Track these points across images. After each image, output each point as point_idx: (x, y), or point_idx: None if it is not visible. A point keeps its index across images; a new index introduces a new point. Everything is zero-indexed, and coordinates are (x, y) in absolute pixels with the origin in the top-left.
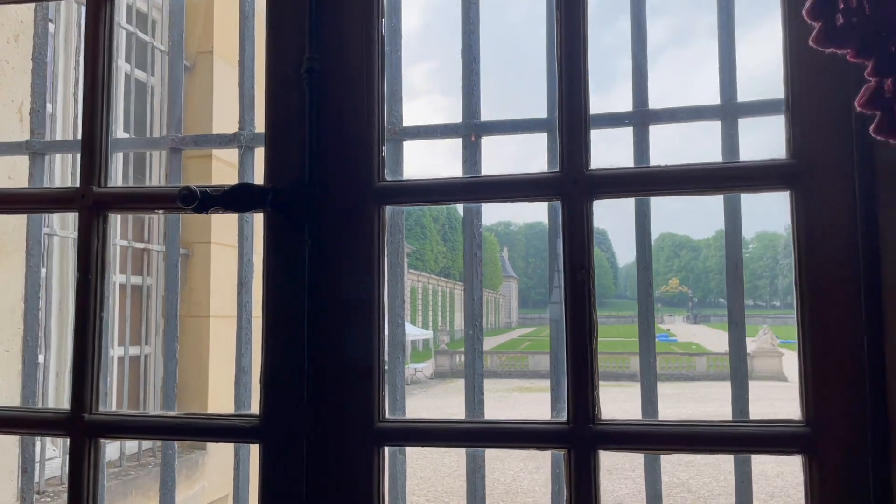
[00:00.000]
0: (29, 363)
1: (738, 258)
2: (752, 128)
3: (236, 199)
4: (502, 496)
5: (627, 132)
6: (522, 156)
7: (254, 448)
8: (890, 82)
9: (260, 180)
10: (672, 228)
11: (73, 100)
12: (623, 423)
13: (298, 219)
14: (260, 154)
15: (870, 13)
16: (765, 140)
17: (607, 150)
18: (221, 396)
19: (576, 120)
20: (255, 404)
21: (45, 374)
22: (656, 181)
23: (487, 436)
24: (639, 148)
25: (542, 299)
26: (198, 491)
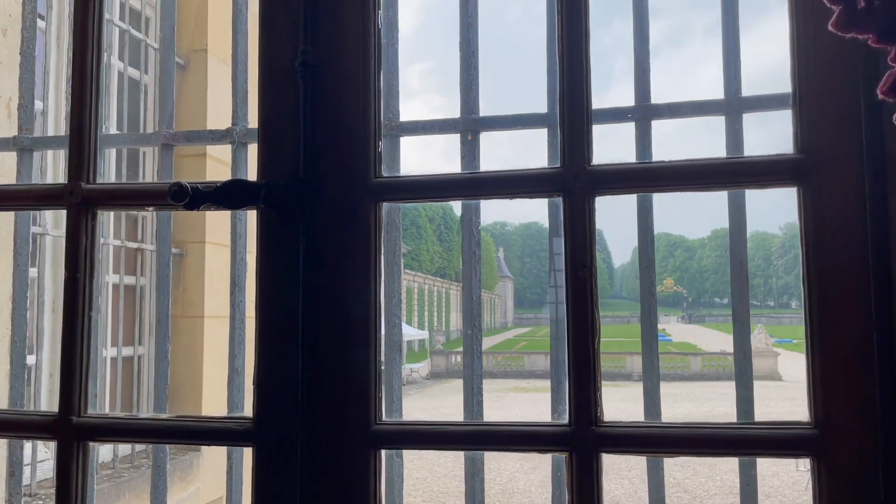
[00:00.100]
0: (17, 364)
1: (743, 257)
2: (755, 126)
3: (228, 195)
4: (498, 496)
5: (626, 131)
6: (519, 157)
7: (247, 451)
8: None
9: (253, 177)
10: (667, 228)
11: (65, 97)
12: (626, 426)
13: (292, 216)
14: (253, 150)
15: None
16: (768, 137)
17: (606, 149)
18: (216, 398)
19: (577, 114)
20: (249, 406)
21: (37, 376)
22: (660, 177)
23: (487, 438)
24: (641, 143)
25: (538, 299)
26: (192, 493)
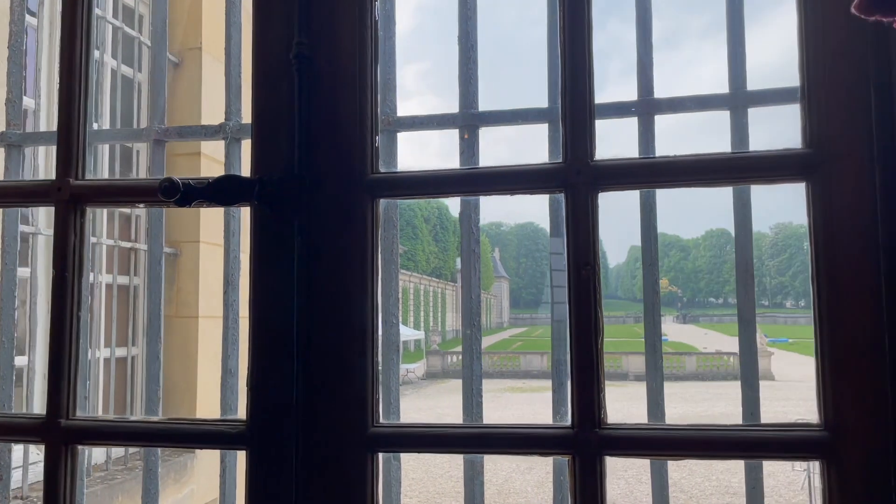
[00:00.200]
0: (5, 366)
1: (749, 255)
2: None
3: (221, 191)
4: (494, 497)
5: (626, 131)
6: (517, 158)
7: (241, 454)
8: None
9: (247, 174)
10: (662, 228)
11: (57, 94)
12: (631, 428)
13: (287, 212)
14: (247, 146)
15: None
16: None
17: (605, 152)
18: (210, 398)
19: (580, 107)
20: (243, 408)
21: (30, 377)
22: (665, 172)
23: (487, 441)
24: (644, 139)
25: (534, 299)
26: (186, 494)
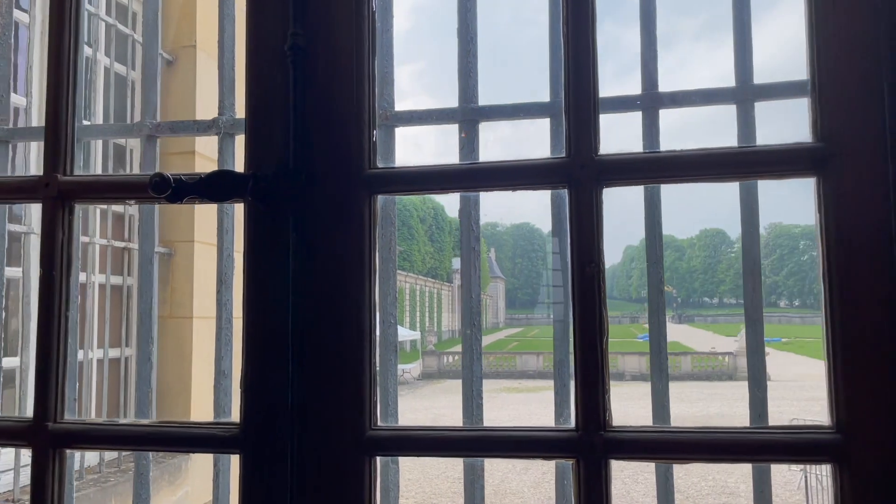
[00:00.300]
0: None
1: (756, 254)
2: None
3: (213, 187)
4: (491, 497)
5: (628, 127)
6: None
7: (235, 458)
8: None
9: (241, 170)
10: None
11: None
12: (637, 430)
13: (282, 209)
14: (241, 142)
15: None
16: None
17: (607, 145)
18: (205, 400)
19: (584, 100)
20: (237, 411)
21: (23, 378)
22: (671, 167)
23: (488, 444)
24: (648, 134)
25: (530, 300)
26: (181, 497)
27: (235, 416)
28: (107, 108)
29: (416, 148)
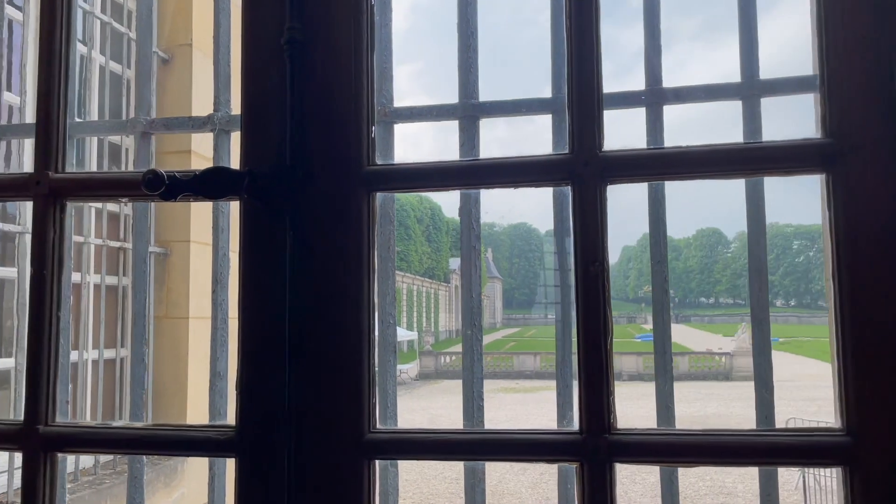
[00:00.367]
0: None
1: (762, 252)
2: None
3: (208, 184)
4: (488, 498)
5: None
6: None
7: (231, 461)
8: None
9: (237, 167)
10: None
11: None
12: (643, 433)
13: (278, 206)
14: (237, 139)
15: None
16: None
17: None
18: (201, 402)
19: (587, 95)
20: (233, 413)
21: (18, 380)
22: (677, 163)
23: (490, 448)
24: (652, 130)
25: (527, 300)
26: (177, 498)
27: (231, 418)
28: (102, 106)
29: (413, 148)
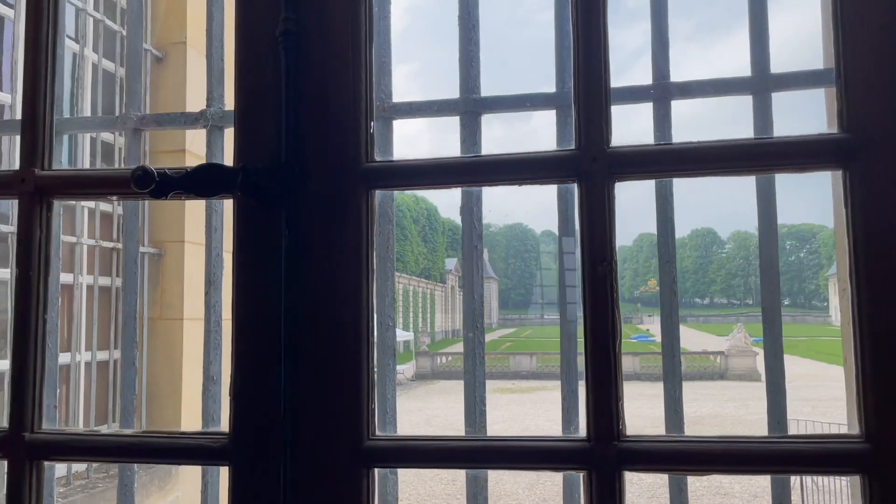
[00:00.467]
0: None
1: (774, 252)
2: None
3: (200, 181)
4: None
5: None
6: None
7: (224, 469)
8: None
9: (231, 164)
10: (648, 228)
11: None
12: (653, 440)
13: (273, 204)
14: (231, 135)
15: None
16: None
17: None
18: (196, 404)
19: (595, 88)
20: (226, 419)
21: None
22: (688, 159)
23: (494, 455)
24: (660, 125)
25: (523, 300)
26: (171, 502)
27: (225, 424)
28: (95, 104)
29: (410, 148)
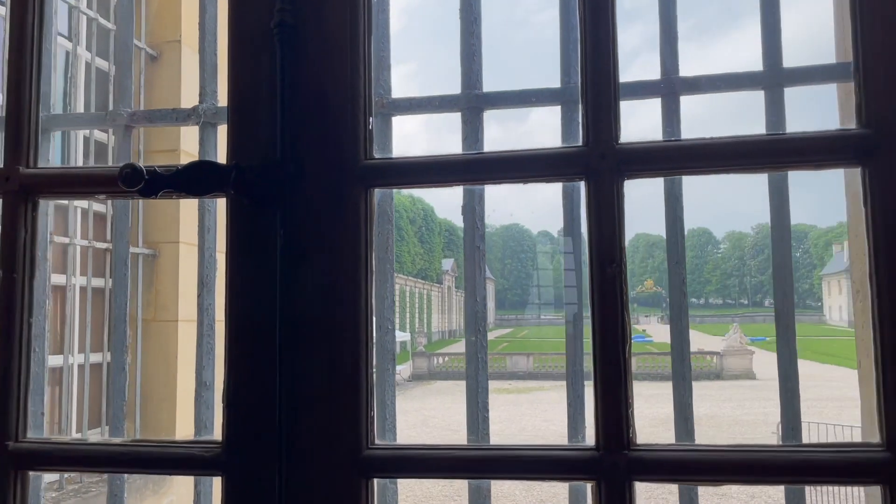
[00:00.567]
0: None
1: (787, 252)
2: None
3: (192, 179)
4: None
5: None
6: None
7: (217, 480)
8: None
9: (224, 161)
10: (644, 229)
11: None
12: (665, 449)
13: (268, 203)
14: (224, 133)
15: None
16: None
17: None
18: (190, 407)
19: (604, 83)
20: (220, 426)
21: None
22: (700, 156)
23: (498, 465)
24: (668, 121)
25: (519, 300)
26: None
27: (217, 433)
28: (88, 103)
29: (406, 145)
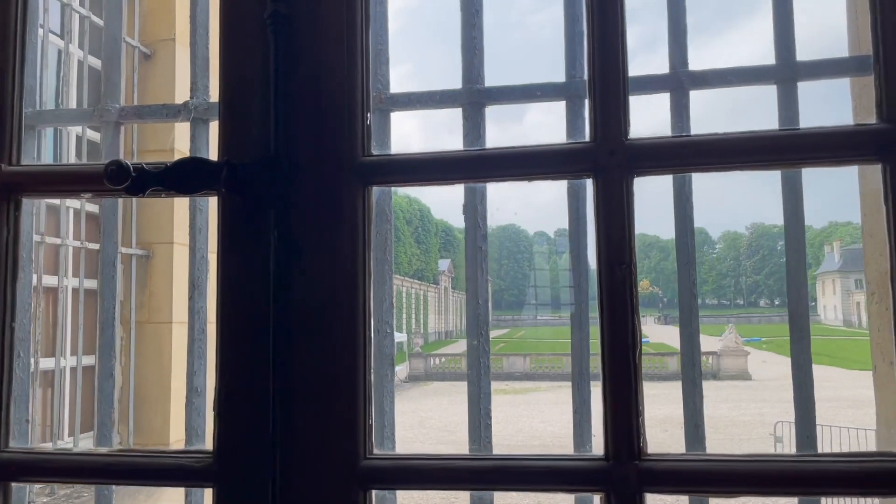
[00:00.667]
0: None
1: (801, 251)
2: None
3: (182, 177)
4: None
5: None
6: None
7: (209, 491)
8: None
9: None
10: (642, 229)
11: None
12: (676, 459)
13: (262, 202)
14: (216, 129)
15: None
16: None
17: None
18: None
19: (612, 76)
20: (211, 434)
21: None
22: (713, 153)
23: (502, 476)
24: (677, 117)
25: (516, 301)
26: None
27: (209, 442)
28: (80, 102)
29: (404, 145)
